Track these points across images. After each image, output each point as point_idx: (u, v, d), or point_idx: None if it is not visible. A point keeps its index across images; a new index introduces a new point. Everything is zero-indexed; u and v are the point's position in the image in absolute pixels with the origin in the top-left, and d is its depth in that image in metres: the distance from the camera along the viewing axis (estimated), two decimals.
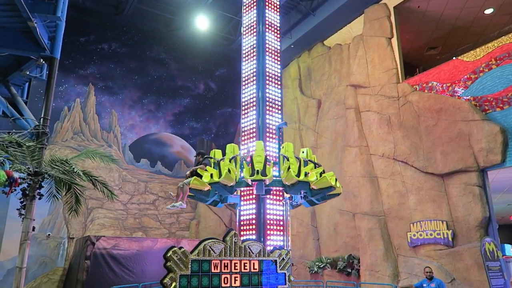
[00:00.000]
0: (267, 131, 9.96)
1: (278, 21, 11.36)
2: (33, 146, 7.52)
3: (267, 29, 10.82)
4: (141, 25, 19.51)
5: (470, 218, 11.45)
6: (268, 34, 10.79)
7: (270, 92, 10.37)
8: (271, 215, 9.37)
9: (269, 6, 11.09)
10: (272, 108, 10.26)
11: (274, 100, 10.35)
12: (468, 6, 15.45)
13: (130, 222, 17.30)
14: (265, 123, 9.98)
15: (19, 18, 7.50)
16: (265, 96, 10.20)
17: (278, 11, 11.48)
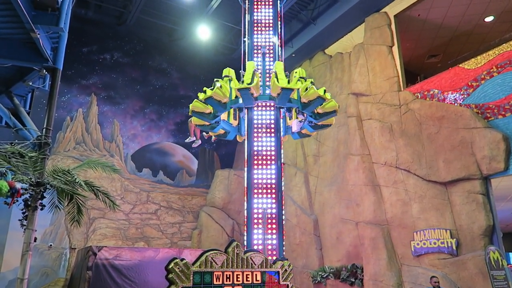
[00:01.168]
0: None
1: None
2: (35, 157, 7.52)
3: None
4: (143, 35, 19.65)
5: (474, 227, 11.36)
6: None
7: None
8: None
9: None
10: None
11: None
12: (468, 14, 15.52)
13: (132, 232, 17.24)
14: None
15: (22, 29, 7.56)
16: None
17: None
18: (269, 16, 10.87)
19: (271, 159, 9.25)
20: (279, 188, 9.09)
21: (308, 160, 17.93)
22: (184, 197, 19.22)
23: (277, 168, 9.22)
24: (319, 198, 16.77)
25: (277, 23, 10.96)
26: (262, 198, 9.00)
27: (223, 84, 9.00)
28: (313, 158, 17.64)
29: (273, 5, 10.96)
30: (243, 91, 8.80)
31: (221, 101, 8.98)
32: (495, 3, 14.85)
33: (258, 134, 9.46)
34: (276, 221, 8.84)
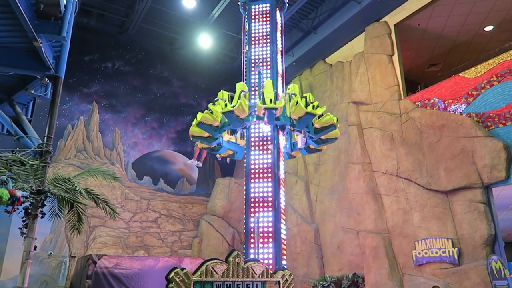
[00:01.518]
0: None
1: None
2: (36, 165, 7.52)
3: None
4: (144, 44, 19.78)
5: (476, 236, 11.30)
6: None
7: None
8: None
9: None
10: None
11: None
12: (468, 23, 15.62)
13: (132, 241, 17.17)
14: None
15: (25, 38, 7.61)
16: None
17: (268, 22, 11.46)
18: (266, 30, 10.89)
19: (267, 175, 9.30)
20: (276, 201, 9.10)
21: (309, 168, 17.92)
22: (185, 205, 19.18)
23: (274, 182, 9.23)
24: (320, 207, 16.72)
25: (275, 36, 10.96)
26: (259, 211, 9.05)
27: (213, 108, 9.05)
28: (313, 167, 17.62)
29: (271, 19, 10.95)
30: (228, 114, 8.86)
31: (212, 125, 9.07)
32: (495, 13, 14.95)
33: (255, 151, 9.52)
34: (273, 234, 8.81)
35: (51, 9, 7.65)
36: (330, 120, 9.13)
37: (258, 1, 11.21)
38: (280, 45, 11.36)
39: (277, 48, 11.09)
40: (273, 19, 11.02)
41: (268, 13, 11.03)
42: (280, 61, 11.15)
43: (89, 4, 17.61)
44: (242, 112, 8.91)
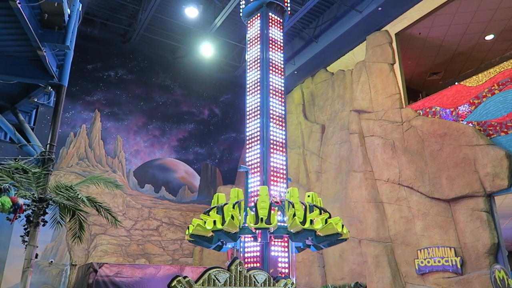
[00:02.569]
0: (271, 171, 9.46)
1: (282, 60, 10.74)
2: (38, 173, 7.54)
3: (271, 69, 10.29)
4: (147, 53, 19.92)
5: (479, 245, 11.24)
6: (272, 75, 10.24)
7: (274, 131, 9.80)
8: (277, 257, 8.83)
9: (273, 45, 10.59)
10: (276, 147, 9.71)
11: (277, 140, 9.76)
12: (468, 32, 15.70)
13: (133, 249, 17.12)
14: (269, 163, 9.46)
15: (29, 47, 7.70)
16: (269, 135, 9.61)
17: (282, 50, 10.91)
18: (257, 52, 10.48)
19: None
20: None
21: (311, 176, 17.89)
22: (186, 213, 19.15)
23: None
24: None
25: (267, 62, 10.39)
26: None
27: (235, 214, 8.03)
28: (315, 175, 17.60)
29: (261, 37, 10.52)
30: (218, 232, 7.92)
31: (231, 233, 8.05)
32: (495, 22, 15.03)
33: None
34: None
35: (55, 19, 7.75)
36: (333, 229, 8.11)
37: (253, 13, 11.03)
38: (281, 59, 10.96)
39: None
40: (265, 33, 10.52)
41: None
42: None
43: (92, 14, 17.78)
44: (233, 228, 7.94)
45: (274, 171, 9.52)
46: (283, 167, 9.73)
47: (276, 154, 9.66)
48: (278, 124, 9.97)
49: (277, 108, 10.04)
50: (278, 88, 10.28)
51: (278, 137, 9.85)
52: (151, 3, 16.03)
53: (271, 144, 9.64)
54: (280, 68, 10.57)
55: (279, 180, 9.55)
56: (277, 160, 9.63)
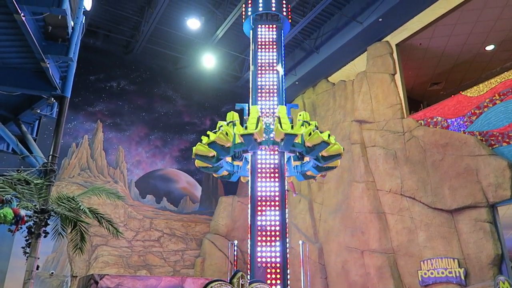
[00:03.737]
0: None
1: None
2: (40, 184, 7.55)
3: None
4: (149, 64, 20.05)
5: (482, 256, 11.15)
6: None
7: None
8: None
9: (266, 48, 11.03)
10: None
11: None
12: (469, 42, 15.78)
13: (135, 260, 17.02)
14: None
15: (33, 59, 7.75)
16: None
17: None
18: (272, 58, 10.83)
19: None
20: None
21: (312, 187, 17.85)
22: (188, 224, 19.07)
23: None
24: (323, 226, 16.59)
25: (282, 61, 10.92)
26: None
27: (227, 129, 9.06)
28: (317, 185, 17.56)
29: (277, 48, 10.91)
30: (247, 137, 8.85)
31: (224, 146, 9.02)
32: (495, 32, 15.12)
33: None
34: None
35: (59, 31, 7.82)
36: (339, 149, 9.15)
37: (263, 21, 11.26)
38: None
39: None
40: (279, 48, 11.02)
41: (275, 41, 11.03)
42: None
43: (95, 25, 17.95)
44: (226, 141, 8.92)
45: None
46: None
47: None
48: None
49: None
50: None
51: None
52: (154, 15, 16.19)
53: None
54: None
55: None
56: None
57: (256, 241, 8.90)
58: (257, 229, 8.94)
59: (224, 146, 8.99)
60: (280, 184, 9.36)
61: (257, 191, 9.35)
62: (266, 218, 9.07)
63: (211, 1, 16.58)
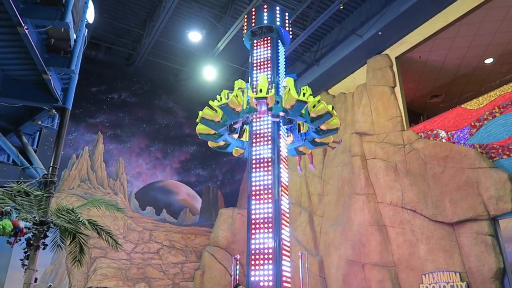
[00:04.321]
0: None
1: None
2: (40, 195, 7.55)
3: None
4: (150, 76, 20.19)
5: (484, 269, 11.05)
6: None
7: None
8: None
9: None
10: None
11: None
12: (468, 56, 15.89)
13: (133, 272, 16.88)
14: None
15: (35, 71, 7.82)
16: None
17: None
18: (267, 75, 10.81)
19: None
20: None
21: (313, 199, 17.79)
22: (187, 236, 18.97)
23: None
24: (324, 238, 16.48)
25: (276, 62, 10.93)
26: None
27: (238, 93, 9.37)
28: (317, 197, 17.50)
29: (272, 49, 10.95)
30: (224, 107, 9.13)
31: (235, 109, 9.27)
32: (494, 46, 15.24)
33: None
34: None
35: (62, 44, 7.91)
36: (324, 108, 9.23)
37: (261, 35, 11.28)
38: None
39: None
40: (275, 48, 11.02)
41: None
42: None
43: (97, 38, 18.13)
44: (237, 105, 9.18)
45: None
46: None
47: None
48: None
49: None
50: None
51: None
52: (155, 27, 16.36)
53: None
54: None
55: None
56: None
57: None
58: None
59: (235, 109, 9.23)
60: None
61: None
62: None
63: (212, 15, 16.76)
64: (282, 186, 9.06)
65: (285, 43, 11.37)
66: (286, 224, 8.95)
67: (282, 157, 9.39)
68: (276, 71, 10.65)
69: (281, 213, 8.69)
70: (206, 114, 9.49)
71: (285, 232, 8.78)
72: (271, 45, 10.77)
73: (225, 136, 10.16)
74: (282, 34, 11.10)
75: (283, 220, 8.83)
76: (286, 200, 9.23)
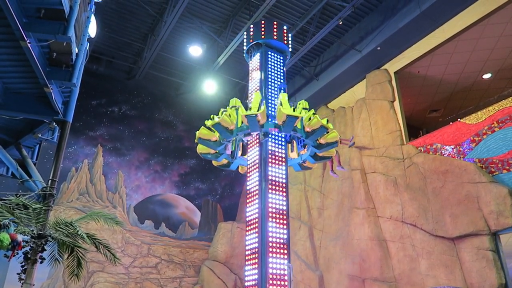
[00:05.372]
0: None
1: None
2: (39, 208, 7.51)
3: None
4: (151, 89, 20.29)
5: (485, 285, 10.93)
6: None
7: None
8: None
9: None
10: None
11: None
12: (466, 71, 16.03)
13: (131, 287, 16.68)
14: None
15: (36, 84, 7.86)
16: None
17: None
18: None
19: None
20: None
21: (313, 213, 17.70)
22: (186, 250, 18.80)
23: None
24: (324, 253, 16.34)
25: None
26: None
27: (231, 112, 9.41)
28: (317, 211, 17.42)
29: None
30: (250, 117, 9.08)
31: (228, 128, 9.30)
32: (492, 61, 15.38)
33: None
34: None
35: (63, 57, 7.97)
36: (318, 122, 9.15)
37: (272, 49, 11.33)
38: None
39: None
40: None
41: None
42: None
43: (99, 52, 18.28)
44: (230, 123, 9.26)
45: None
46: None
47: None
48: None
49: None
50: None
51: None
52: (156, 42, 16.52)
53: None
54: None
55: None
56: None
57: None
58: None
59: (228, 128, 9.28)
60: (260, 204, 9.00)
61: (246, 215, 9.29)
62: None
63: (213, 29, 16.94)
64: (272, 213, 8.79)
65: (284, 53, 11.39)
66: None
67: (272, 180, 9.17)
68: (266, 84, 10.71)
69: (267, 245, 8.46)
70: (202, 134, 9.57)
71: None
72: (260, 59, 10.96)
73: (226, 155, 10.15)
74: (277, 46, 11.12)
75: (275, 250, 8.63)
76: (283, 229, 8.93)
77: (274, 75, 10.91)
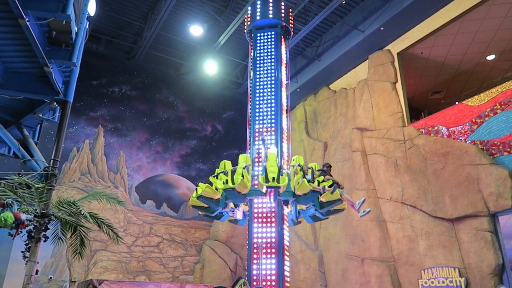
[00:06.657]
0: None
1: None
2: (41, 188, 7.55)
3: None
4: (151, 69, 20.13)
5: (483, 265, 11.10)
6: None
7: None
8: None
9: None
10: None
11: None
12: (470, 52, 15.84)
13: (134, 266, 16.95)
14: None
15: (36, 63, 7.78)
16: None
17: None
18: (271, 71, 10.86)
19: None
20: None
21: None
22: (187, 230, 19.02)
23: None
24: (324, 233, 16.53)
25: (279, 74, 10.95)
26: None
27: (214, 181, 8.89)
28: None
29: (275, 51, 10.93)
30: (229, 191, 8.62)
31: (213, 199, 8.84)
32: (496, 42, 15.19)
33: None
34: None
35: (63, 36, 7.87)
36: (336, 195, 8.76)
37: (264, 29, 11.38)
38: (284, 77, 11.32)
39: (282, 82, 11.00)
40: (278, 50, 10.97)
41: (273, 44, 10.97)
42: (284, 95, 11.07)
43: (98, 31, 18.05)
44: (244, 188, 8.65)
45: None
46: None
47: None
48: None
49: None
50: None
51: None
52: (157, 21, 16.28)
53: None
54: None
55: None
56: None
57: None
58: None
59: (213, 199, 8.80)
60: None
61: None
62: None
63: (214, 9, 16.69)
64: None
65: (287, 38, 11.32)
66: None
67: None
68: (254, 65, 10.58)
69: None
70: (206, 193, 8.85)
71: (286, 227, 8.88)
72: (275, 40, 10.68)
73: (220, 210, 9.67)
74: (269, 23, 10.92)
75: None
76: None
77: (263, 55, 10.74)
